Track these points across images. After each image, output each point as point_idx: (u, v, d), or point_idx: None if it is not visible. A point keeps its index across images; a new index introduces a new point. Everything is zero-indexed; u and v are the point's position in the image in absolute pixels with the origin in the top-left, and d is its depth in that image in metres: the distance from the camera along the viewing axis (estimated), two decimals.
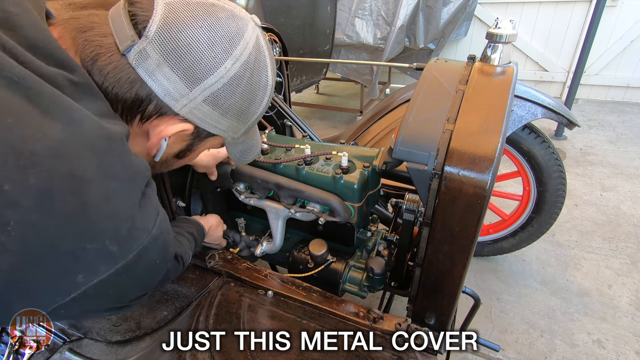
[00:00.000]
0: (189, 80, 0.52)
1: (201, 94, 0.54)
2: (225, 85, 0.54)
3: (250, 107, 0.60)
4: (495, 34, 0.90)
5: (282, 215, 1.21)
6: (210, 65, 0.52)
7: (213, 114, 0.57)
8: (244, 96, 0.58)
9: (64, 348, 1.04)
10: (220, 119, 0.59)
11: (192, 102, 0.54)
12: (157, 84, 0.51)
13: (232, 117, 0.60)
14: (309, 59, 1.59)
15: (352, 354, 0.91)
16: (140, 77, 0.51)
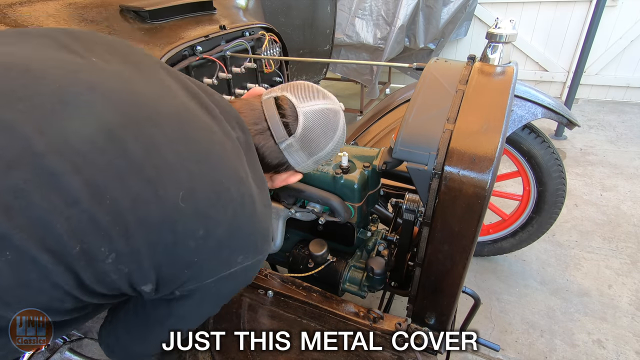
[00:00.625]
0: (309, 155, 0.82)
1: (312, 160, 0.84)
2: (326, 154, 0.84)
3: (327, 157, 0.89)
4: (495, 34, 0.90)
5: (282, 215, 1.21)
6: (322, 147, 0.82)
7: (312, 167, 0.88)
8: (330, 154, 0.87)
9: (64, 348, 1.04)
10: (312, 166, 0.88)
11: (306, 164, 0.85)
12: (292, 159, 0.82)
13: (317, 164, 0.89)
14: (309, 59, 1.59)
15: (352, 354, 0.91)
16: (284, 155, 0.81)
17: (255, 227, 0.64)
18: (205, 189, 0.57)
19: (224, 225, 0.59)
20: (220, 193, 0.58)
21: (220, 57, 1.23)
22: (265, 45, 1.39)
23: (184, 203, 0.53)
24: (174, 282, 0.58)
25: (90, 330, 1.09)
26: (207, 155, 0.59)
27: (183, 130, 0.58)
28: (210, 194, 0.57)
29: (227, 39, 1.30)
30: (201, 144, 0.59)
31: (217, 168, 0.60)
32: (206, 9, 1.36)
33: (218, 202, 0.58)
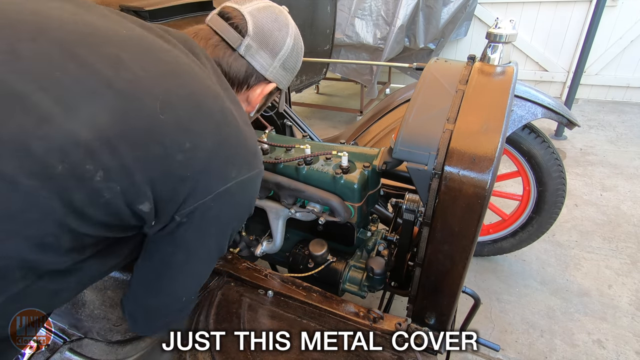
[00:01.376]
0: (272, 54, 0.82)
1: (278, 62, 0.83)
2: (289, 52, 0.85)
3: (297, 63, 0.90)
4: (495, 34, 0.90)
5: (282, 215, 1.21)
6: (282, 42, 0.82)
7: (284, 74, 0.87)
8: (296, 57, 0.88)
9: (64, 348, 1.04)
10: (286, 76, 0.88)
11: (275, 69, 0.84)
12: (257, 63, 0.81)
13: (290, 73, 0.90)
14: (309, 59, 1.59)
15: (352, 354, 0.91)
16: (248, 61, 0.80)
17: (241, 140, 0.65)
18: (182, 102, 0.57)
19: (210, 137, 0.59)
20: (198, 106, 0.59)
21: None
22: None
23: (163, 115, 0.53)
24: (172, 200, 0.58)
25: (90, 330, 1.09)
26: (176, 72, 0.59)
27: (147, 52, 0.58)
28: (188, 106, 0.57)
29: None
30: (168, 62, 0.59)
31: (190, 84, 0.60)
32: (206, 9, 1.36)
33: (198, 114, 0.58)
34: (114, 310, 1.14)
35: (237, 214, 0.71)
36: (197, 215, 0.61)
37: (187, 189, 0.58)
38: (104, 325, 1.10)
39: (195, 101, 0.59)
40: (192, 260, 0.70)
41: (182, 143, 0.56)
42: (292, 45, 0.85)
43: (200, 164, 0.58)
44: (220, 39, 0.78)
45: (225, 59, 0.79)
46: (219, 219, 0.67)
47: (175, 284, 0.72)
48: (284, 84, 0.91)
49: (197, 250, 0.68)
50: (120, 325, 1.09)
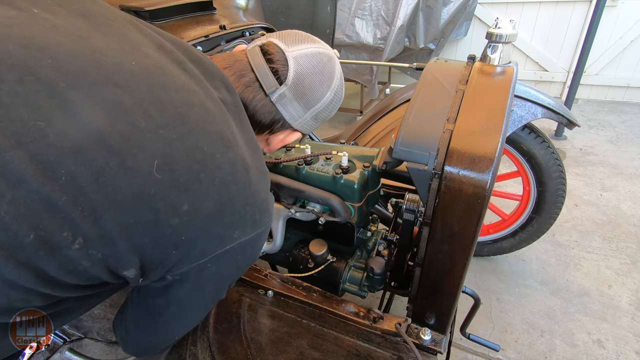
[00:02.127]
0: (307, 108, 0.76)
1: (310, 115, 0.78)
2: (325, 106, 0.79)
3: (331, 114, 0.84)
4: (495, 34, 0.90)
5: (282, 215, 1.21)
6: (320, 97, 0.76)
7: (312, 124, 0.82)
8: (332, 109, 0.82)
9: (64, 348, 1.04)
10: (313, 125, 0.83)
11: (304, 120, 0.78)
12: (287, 113, 0.75)
13: (320, 122, 0.84)
14: None
15: (352, 354, 0.91)
16: (278, 109, 0.74)
17: (250, 197, 0.57)
18: (184, 157, 0.49)
19: (212, 196, 0.52)
20: (203, 161, 0.51)
21: None
22: None
23: (159, 174, 0.46)
24: (162, 265, 0.52)
25: (90, 330, 1.09)
26: (185, 119, 0.51)
27: (154, 92, 0.50)
28: (191, 162, 0.50)
29: (227, 39, 1.30)
30: (177, 106, 0.51)
31: (198, 132, 0.52)
32: (206, 9, 1.36)
33: (202, 171, 0.51)
34: (114, 310, 1.14)
35: (238, 269, 0.66)
36: (192, 274, 0.56)
37: (180, 253, 0.52)
38: (104, 325, 1.10)
39: (201, 155, 0.51)
40: (186, 311, 0.66)
41: (179, 206, 0.49)
42: (330, 99, 0.78)
43: (197, 229, 0.52)
44: (255, 79, 0.71)
45: (254, 103, 0.72)
46: (217, 276, 0.61)
47: (168, 328, 0.69)
48: (309, 130, 0.85)
49: (192, 304, 0.64)
50: None
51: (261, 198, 0.60)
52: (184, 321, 0.70)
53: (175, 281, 0.56)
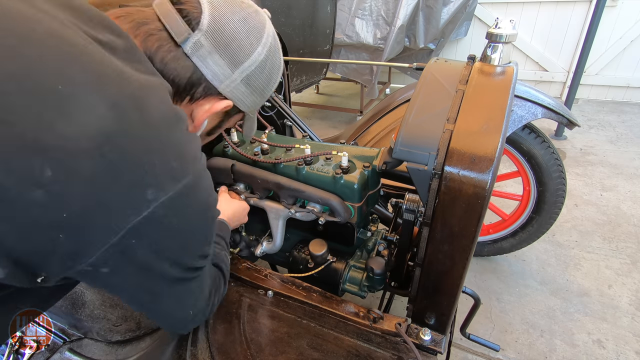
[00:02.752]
0: (232, 64, 0.63)
1: (240, 75, 0.65)
2: (257, 67, 0.66)
3: (269, 85, 0.72)
4: (495, 34, 0.90)
5: (282, 215, 1.21)
6: (248, 51, 0.64)
7: (246, 92, 0.69)
8: (268, 76, 0.70)
9: (64, 348, 1.04)
10: (250, 96, 0.70)
11: (233, 83, 0.65)
12: (207, 69, 0.62)
13: (258, 94, 0.71)
14: (309, 59, 1.59)
15: (352, 354, 0.91)
16: (194, 63, 0.61)
17: (153, 143, 0.45)
18: (25, 102, 0.36)
19: (91, 151, 0.39)
20: (59, 105, 0.38)
21: None
22: None
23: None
24: (57, 255, 0.42)
25: (90, 330, 1.09)
26: (24, 48, 0.38)
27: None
28: (39, 106, 0.36)
29: None
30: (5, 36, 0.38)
31: (46, 67, 0.39)
32: None
33: (63, 115, 0.37)
34: (114, 310, 1.14)
35: (188, 232, 0.53)
36: (116, 259, 0.46)
37: (73, 236, 0.41)
38: (104, 325, 1.10)
39: (54, 97, 0.38)
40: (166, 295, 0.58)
41: (38, 172, 0.36)
42: (263, 57, 0.66)
43: (81, 197, 0.40)
44: (161, 28, 0.58)
45: (159, 54, 0.57)
46: (161, 250, 0.50)
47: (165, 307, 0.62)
48: (248, 105, 0.72)
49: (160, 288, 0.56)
50: (120, 326, 1.09)
51: (174, 141, 0.49)
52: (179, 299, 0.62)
53: (103, 274, 0.47)
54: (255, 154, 1.21)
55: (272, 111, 1.58)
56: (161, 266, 0.52)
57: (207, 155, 1.32)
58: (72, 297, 1.19)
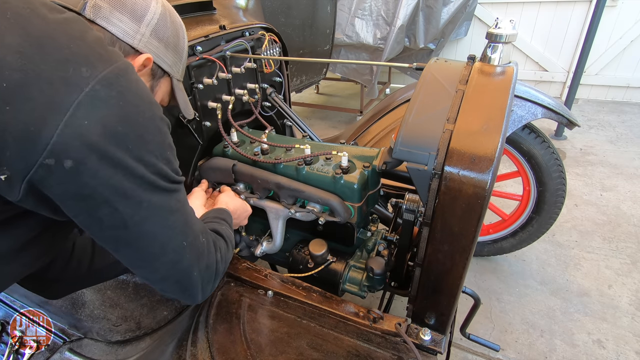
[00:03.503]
0: (135, 18, 0.69)
1: (147, 28, 0.71)
2: (159, 20, 0.72)
3: (179, 41, 0.79)
4: (495, 34, 0.90)
5: (282, 215, 1.21)
6: (143, 6, 0.70)
7: (160, 47, 0.75)
8: (174, 31, 0.77)
9: (64, 348, 1.04)
10: (166, 52, 0.76)
11: (144, 37, 0.71)
12: (115, 27, 0.67)
13: (172, 50, 0.77)
14: (309, 59, 1.59)
15: (352, 354, 0.91)
16: (101, 25, 0.66)
17: (72, 31, 0.53)
18: None
19: (12, 31, 0.48)
20: None
21: (220, 57, 1.23)
22: (265, 45, 1.39)
23: None
24: (6, 141, 0.46)
25: (90, 330, 1.09)
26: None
27: None
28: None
29: (227, 39, 1.30)
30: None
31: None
32: (206, 9, 1.36)
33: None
34: (114, 310, 1.14)
35: (134, 120, 0.56)
36: (75, 148, 0.49)
37: (18, 108, 0.47)
38: (104, 325, 1.10)
39: None
40: (137, 199, 0.58)
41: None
42: (162, 11, 0.73)
43: (15, 68, 0.47)
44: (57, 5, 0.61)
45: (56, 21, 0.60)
46: (116, 137, 0.53)
47: (150, 228, 0.62)
48: (169, 64, 0.78)
49: (131, 188, 0.57)
50: (120, 326, 1.09)
51: (95, 37, 0.56)
52: (162, 219, 0.63)
53: (70, 173, 0.50)
54: (255, 154, 1.21)
55: (272, 111, 1.58)
56: (124, 159, 0.55)
57: (207, 156, 1.33)
58: (72, 297, 1.19)
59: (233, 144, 1.24)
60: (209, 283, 0.76)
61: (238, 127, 1.29)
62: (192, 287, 0.73)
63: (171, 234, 0.66)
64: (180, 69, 0.84)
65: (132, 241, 0.62)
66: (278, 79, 1.58)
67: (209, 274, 0.75)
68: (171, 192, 0.64)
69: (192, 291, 0.74)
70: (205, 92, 1.21)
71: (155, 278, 0.69)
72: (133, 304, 1.14)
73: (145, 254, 0.65)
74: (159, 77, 0.80)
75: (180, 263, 0.68)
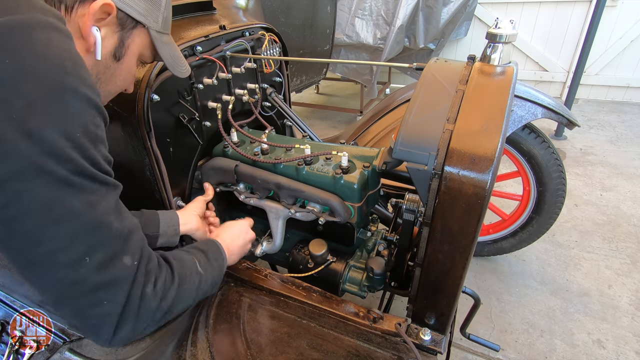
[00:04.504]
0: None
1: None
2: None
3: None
4: (495, 34, 0.90)
5: (282, 215, 1.21)
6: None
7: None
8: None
9: (64, 348, 1.04)
10: None
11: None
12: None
13: None
14: (309, 59, 1.59)
15: (352, 354, 0.91)
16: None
17: None
18: None
19: None
20: None
21: (220, 57, 1.23)
22: (265, 45, 1.39)
23: None
24: None
25: None
26: None
27: None
28: None
29: (227, 39, 1.30)
30: None
31: None
32: (206, 9, 1.36)
33: None
34: None
35: (26, 92, 0.46)
36: None
37: None
38: None
39: None
40: (38, 194, 0.48)
41: None
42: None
43: None
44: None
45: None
46: (7, 103, 0.44)
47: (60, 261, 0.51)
48: (140, 11, 0.68)
49: (31, 179, 0.46)
50: None
51: None
52: (49, 219, 0.50)
53: None
54: (255, 154, 1.21)
55: (272, 111, 1.58)
56: (3, 129, 0.45)
57: (207, 156, 1.33)
58: None
59: (233, 144, 1.24)
60: (128, 323, 0.58)
61: (238, 127, 1.29)
62: (99, 324, 0.57)
63: (62, 243, 0.51)
64: (159, 18, 0.73)
65: (6, 242, 0.50)
66: (278, 79, 1.58)
67: (130, 311, 0.58)
68: (75, 188, 0.51)
69: (100, 329, 0.57)
70: (205, 92, 1.22)
71: (50, 301, 0.55)
72: None
73: (26, 264, 0.52)
74: (130, 28, 0.69)
75: (78, 286, 0.53)
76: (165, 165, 1.04)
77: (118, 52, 0.70)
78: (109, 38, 0.67)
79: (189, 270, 0.73)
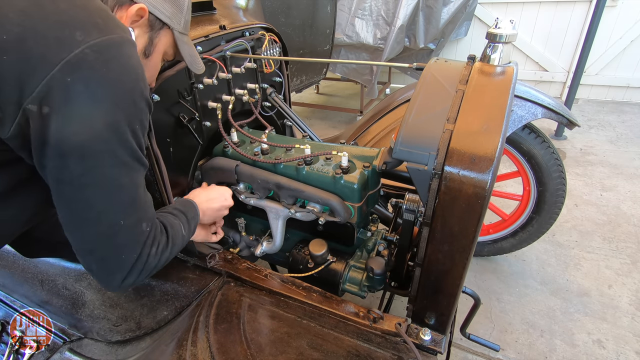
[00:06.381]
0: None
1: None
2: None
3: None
4: (495, 34, 0.90)
5: (282, 215, 1.21)
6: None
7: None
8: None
9: (64, 348, 1.04)
10: (162, 2, 0.77)
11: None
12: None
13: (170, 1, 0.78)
14: (309, 59, 1.59)
15: (352, 354, 0.91)
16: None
17: (76, 3, 0.59)
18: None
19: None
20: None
21: (220, 57, 1.23)
22: (265, 45, 1.39)
23: None
24: (2, 83, 0.53)
25: (90, 330, 1.09)
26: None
27: None
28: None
29: (227, 39, 1.30)
30: None
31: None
32: (206, 9, 1.36)
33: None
34: (114, 310, 1.14)
35: (116, 94, 0.61)
36: (56, 97, 0.55)
37: (15, 58, 0.53)
38: (104, 325, 1.10)
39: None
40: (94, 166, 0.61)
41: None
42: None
43: (15, 24, 0.53)
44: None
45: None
46: (96, 96, 0.58)
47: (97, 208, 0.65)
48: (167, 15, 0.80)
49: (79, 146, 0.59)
50: (120, 326, 1.09)
51: (98, 5, 0.62)
52: (106, 190, 0.64)
53: (46, 119, 0.55)
54: (255, 154, 1.21)
55: (272, 111, 1.58)
56: (97, 118, 0.59)
57: (207, 156, 1.33)
58: (72, 297, 1.19)
59: (233, 144, 1.24)
60: (134, 275, 0.73)
61: (238, 127, 1.29)
62: (116, 271, 0.71)
63: (111, 208, 0.66)
64: (181, 20, 0.84)
65: (71, 201, 0.64)
66: (278, 79, 1.58)
67: (138, 265, 0.73)
68: (128, 167, 0.66)
69: (114, 275, 0.71)
70: (205, 92, 1.22)
71: (83, 249, 0.69)
72: (133, 304, 1.14)
73: (79, 219, 0.65)
74: (158, 29, 0.81)
75: (111, 240, 0.68)
76: (165, 165, 1.04)
77: (147, 50, 0.82)
78: (141, 37, 0.79)
79: (178, 234, 0.85)
